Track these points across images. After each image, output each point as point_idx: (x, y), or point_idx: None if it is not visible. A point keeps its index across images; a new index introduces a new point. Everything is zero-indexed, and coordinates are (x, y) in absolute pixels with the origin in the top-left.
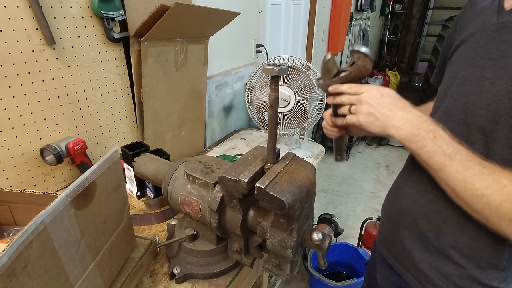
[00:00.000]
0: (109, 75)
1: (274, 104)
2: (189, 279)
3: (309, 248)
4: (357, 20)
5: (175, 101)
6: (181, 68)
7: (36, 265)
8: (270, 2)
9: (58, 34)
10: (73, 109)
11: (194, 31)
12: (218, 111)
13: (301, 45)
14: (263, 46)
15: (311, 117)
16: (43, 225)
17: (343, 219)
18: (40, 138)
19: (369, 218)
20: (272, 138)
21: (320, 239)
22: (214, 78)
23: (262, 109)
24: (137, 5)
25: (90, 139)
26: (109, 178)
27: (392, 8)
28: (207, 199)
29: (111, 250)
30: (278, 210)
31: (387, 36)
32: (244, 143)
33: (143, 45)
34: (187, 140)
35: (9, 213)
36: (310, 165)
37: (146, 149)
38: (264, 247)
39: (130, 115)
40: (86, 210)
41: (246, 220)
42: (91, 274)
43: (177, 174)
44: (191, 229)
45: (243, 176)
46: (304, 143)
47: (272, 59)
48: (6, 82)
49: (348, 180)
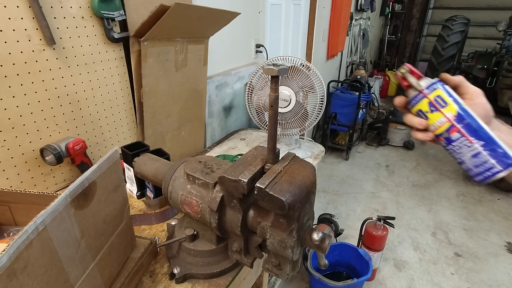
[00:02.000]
0: (109, 75)
1: (274, 104)
2: (189, 279)
3: (309, 248)
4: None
5: (175, 101)
6: (181, 68)
7: (36, 265)
8: (270, 2)
9: (58, 34)
10: (73, 109)
11: (194, 31)
12: (218, 111)
13: (301, 45)
14: (263, 46)
15: (311, 117)
16: (43, 225)
17: (343, 219)
18: (40, 138)
19: (369, 218)
20: (272, 138)
21: (320, 239)
22: (214, 78)
23: (262, 109)
24: (137, 5)
25: (90, 139)
26: (109, 178)
27: (392, 8)
28: (207, 199)
29: (111, 250)
30: (278, 210)
31: (387, 36)
32: (244, 143)
33: (143, 45)
34: (187, 140)
35: (9, 213)
36: (310, 165)
37: (146, 149)
38: (264, 247)
39: (130, 115)
40: (86, 210)
41: (246, 220)
42: (91, 274)
43: (177, 174)
44: (191, 229)
45: (243, 176)
46: (304, 143)
47: (272, 59)
48: (6, 82)
49: (348, 180)
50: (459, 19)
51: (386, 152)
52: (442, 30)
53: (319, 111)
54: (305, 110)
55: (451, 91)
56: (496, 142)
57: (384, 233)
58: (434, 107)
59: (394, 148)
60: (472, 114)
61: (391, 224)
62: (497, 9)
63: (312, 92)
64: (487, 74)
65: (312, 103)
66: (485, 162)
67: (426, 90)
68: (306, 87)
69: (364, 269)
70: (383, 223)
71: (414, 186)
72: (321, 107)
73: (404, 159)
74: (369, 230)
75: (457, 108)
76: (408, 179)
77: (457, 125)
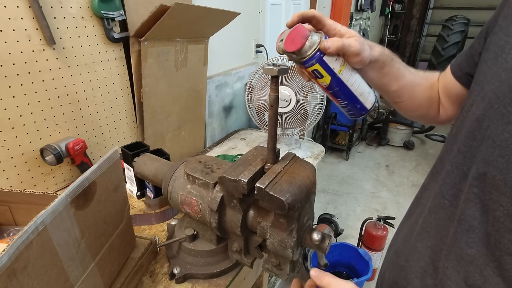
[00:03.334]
0: (109, 75)
1: (274, 104)
2: (189, 279)
3: (309, 248)
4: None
5: (175, 101)
6: (181, 68)
7: (36, 265)
8: (270, 2)
9: (58, 34)
10: (73, 109)
11: (194, 31)
12: (218, 111)
13: None
14: (263, 46)
15: (311, 117)
16: (43, 225)
17: (343, 219)
18: (40, 138)
19: (369, 218)
20: (272, 138)
21: (320, 239)
22: (214, 78)
23: (262, 109)
24: (137, 5)
25: (90, 139)
26: (109, 178)
27: (392, 8)
28: (207, 199)
29: (111, 250)
30: (278, 210)
31: (387, 36)
32: (244, 143)
33: (143, 45)
34: (187, 140)
35: (9, 213)
36: (310, 165)
37: (146, 149)
38: (264, 247)
39: (130, 115)
40: (86, 210)
41: (246, 220)
42: (91, 274)
43: (177, 174)
44: (191, 229)
45: (243, 176)
46: (304, 143)
47: (272, 59)
48: (6, 82)
49: (348, 180)
50: (459, 19)
51: (386, 152)
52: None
53: (319, 111)
54: (305, 110)
55: (328, 62)
56: (356, 100)
57: (384, 233)
58: (312, 78)
59: (394, 148)
60: (342, 81)
61: (391, 224)
62: None
63: (312, 92)
64: None
65: (312, 103)
66: (346, 111)
67: (305, 65)
68: (306, 87)
69: (364, 269)
70: (383, 223)
71: (414, 186)
72: (321, 107)
73: (404, 159)
74: (369, 230)
75: (329, 79)
76: (408, 179)
77: (329, 91)
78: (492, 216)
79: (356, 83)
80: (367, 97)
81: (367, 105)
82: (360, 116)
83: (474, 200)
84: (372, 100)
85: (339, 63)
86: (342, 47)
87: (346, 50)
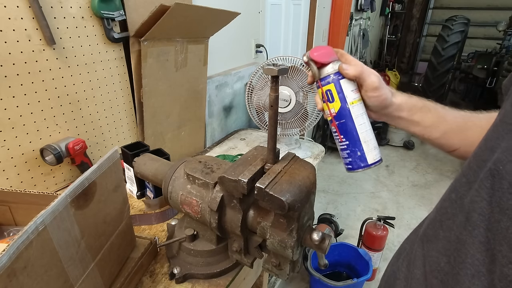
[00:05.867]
0: (109, 75)
1: (274, 104)
2: (189, 279)
3: (309, 248)
4: (357, 20)
5: (175, 101)
6: (181, 68)
7: (36, 265)
8: (270, 2)
9: (58, 34)
10: (73, 109)
11: (194, 31)
12: (218, 111)
13: (301, 45)
14: (263, 46)
15: (312, 117)
16: (43, 225)
17: (343, 219)
18: (40, 138)
19: (369, 218)
20: (272, 138)
21: (320, 239)
22: (214, 78)
23: (262, 109)
24: (137, 5)
25: (90, 139)
26: (109, 178)
27: (392, 8)
28: (207, 199)
29: (111, 250)
30: (278, 210)
31: (387, 36)
32: (244, 143)
33: (143, 45)
34: (187, 140)
35: (9, 213)
36: (310, 165)
37: (146, 149)
38: (264, 247)
39: (130, 115)
40: (86, 210)
41: (246, 220)
42: (91, 274)
43: (177, 174)
44: (191, 229)
45: (243, 176)
46: (304, 143)
47: (272, 59)
48: (6, 82)
49: (348, 180)
50: (459, 19)
51: (386, 152)
52: (442, 30)
53: (319, 111)
54: (305, 110)
55: (344, 87)
56: (359, 145)
57: (384, 233)
58: (324, 99)
59: (394, 148)
60: (351, 115)
61: (391, 224)
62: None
63: (312, 92)
64: (487, 74)
65: (312, 103)
66: (345, 158)
67: (322, 82)
68: (306, 87)
69: (364, 269)
70: (383, 223)
71: (414, 186)
72: None
73: (404, 159)
74: (369, 230)
75: (339, 106)
76: (408, 179)
77: (335, 122)
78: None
79: (364, 126)
80: (371, 150)
81: (368, 158)
82: (357, 168)
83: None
84: (375, 157)
85: (354, 96)
86: (360, 74)
87: (364, 79)
